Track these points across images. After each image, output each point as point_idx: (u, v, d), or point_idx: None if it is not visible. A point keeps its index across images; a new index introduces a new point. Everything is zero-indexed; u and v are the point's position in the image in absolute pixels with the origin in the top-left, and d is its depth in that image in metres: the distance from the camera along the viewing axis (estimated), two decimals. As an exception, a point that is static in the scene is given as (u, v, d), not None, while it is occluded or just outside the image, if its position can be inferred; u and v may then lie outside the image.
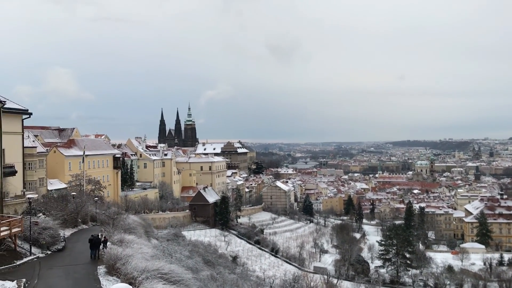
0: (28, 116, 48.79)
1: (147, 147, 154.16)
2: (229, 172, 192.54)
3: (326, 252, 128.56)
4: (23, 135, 48.95)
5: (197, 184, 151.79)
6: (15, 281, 26.33)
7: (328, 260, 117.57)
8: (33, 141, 74.22)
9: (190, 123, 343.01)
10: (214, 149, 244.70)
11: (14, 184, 44.19)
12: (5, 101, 40.63)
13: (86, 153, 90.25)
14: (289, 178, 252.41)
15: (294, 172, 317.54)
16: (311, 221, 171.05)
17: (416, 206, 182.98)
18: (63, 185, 79.51)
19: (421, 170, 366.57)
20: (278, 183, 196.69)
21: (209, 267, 59.18)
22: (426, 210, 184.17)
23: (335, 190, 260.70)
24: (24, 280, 27.25)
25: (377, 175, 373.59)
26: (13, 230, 35.29)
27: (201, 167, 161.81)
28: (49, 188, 74.69)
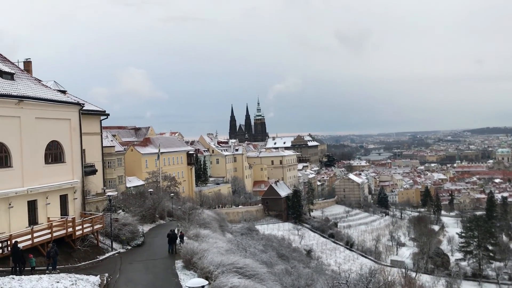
0: (106, 117, 50.80)
1: (218, 143, 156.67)
2: (300, 166, 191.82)
3: (403, 245, 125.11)
4: (101, 135, 51.02)
5: (268, 178, 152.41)
6: (98, 275, 27.44)
7: (406, 254, 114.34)
8: (111, 140, 77.41)
9: (259, 118, 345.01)
10: (284, 143, 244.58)
11: (95, 183, 46.16)
12: (84, 104, 42.45)
13: (161, 150, 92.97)
14: (362, 170, 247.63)
15: (367, 164, 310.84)
16: (387, 214, 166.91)
17: (498, 196, 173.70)
18: (141, 182, 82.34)
19: (503, 158, 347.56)
20: (351, 176, 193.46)
21: (284, 261, 59.12)
22: (509, 200, 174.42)
23: (411, 181, 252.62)
24: (106, 274, 28.36)
25: (455, 165, 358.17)
26: (95, 227, 36.88)
27: (272, 161, 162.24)
28: (128, 185, 77.60)
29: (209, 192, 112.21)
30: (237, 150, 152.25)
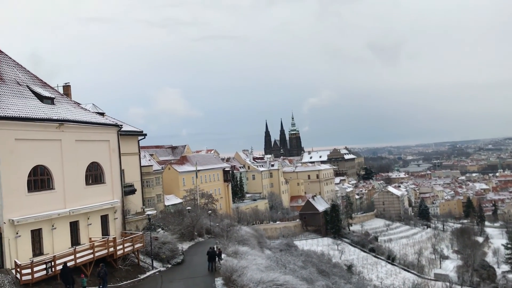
0: (143, 137, 51.64)
1: (254, 159, 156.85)
2: (337, 180, 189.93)
3: (446, 258, 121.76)
4: (139, 155, 51.82)
5: (305, 193, 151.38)
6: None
7: (450, 267, 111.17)
8: (149, 160, 78.49)
9: (294, 132, 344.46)
10: (320, 157, 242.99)
11: (134, 202, 46.82)
12: (121, 125, 43.30)
13: (198, 168, 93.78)
14: (401, 182, 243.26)
15: (406, 175, 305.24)
16: (428, 226, 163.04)
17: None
18: (179, 200, 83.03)
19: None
20: (390, 188, 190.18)
21: (324, 277, 58.32)
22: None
23: (452, 192, 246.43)
24: (148, 293, 28.55)
25: (497, 174, 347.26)
26: (136, 246, 37.29)
27: (309, 176, 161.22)
28: (166, 203, 78.38)
29: (246, 209, 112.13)
30: (272, 165, 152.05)
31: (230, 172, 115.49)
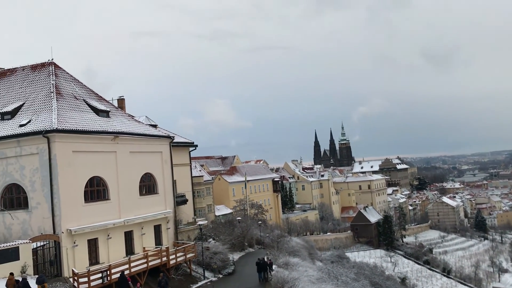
0: (194, 148, 52.40)
1: (303, 169, 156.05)
2: (389, 190, 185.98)
3: (505, 271, 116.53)
4: (190, 165, 52.58)
5: (356, 204, 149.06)
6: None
7: (510, 280, 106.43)
8: (200, 170, 79.53)
9: (344, 142, 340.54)
10: (371, 167, 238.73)
11: (186, 212, 47.43)
12: (173, 136, 44.11)
13: (248, 178, 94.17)
14: (456, 193, 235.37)
15: (462, 186, 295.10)
16: (485, 238, 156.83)
17: None
18: (229, 210, 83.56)
19: None
20: (445, 199, 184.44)
21: (377, 289, 57.05)
22: None
23: (511, 202, 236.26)
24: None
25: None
26: (188, 256, 37.72)
27: (360, 186, 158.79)
28: (216, 213, 79.02)
29: (296, 219, 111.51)
30: (322, 175, 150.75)
31: (280, 182, 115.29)
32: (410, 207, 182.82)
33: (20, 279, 23.78)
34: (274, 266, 38.68)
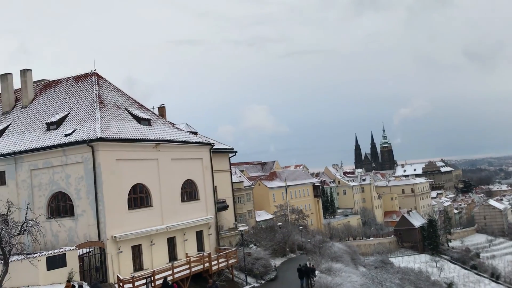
0: (234, 154, 52.65)
1: (344, 173, 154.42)
2: (433, 193, 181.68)
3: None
4: (231, 171, 52.83)
5: (400, 208, 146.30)
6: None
7: None
8: (240, 176, 79.83)
9: (386, 145, 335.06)
10: (414, 170, 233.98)
11: (227, 218, 47.66)
12: (213, 143, 44.46)
13: (288, 183, 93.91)
14: (504, 195, 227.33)
15: (509, 188, 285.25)
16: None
17: None
18: (269, 216, 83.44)
19: None
20: (492, 202, 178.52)
21: (423, 295, 55.68)
22: None
23: None
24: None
25: None
26: (230, 262, 37.84)
27: (403, 190, 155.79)
28: (257, 219, 79.06)
29: (338, 224, 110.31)
30: (364, 180, 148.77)
31: (320, 187, 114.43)
32: (456, 211, 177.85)
33: (76, 286, 24.32)
34: (316, 272, 38.32)
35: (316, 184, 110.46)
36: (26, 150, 33.32)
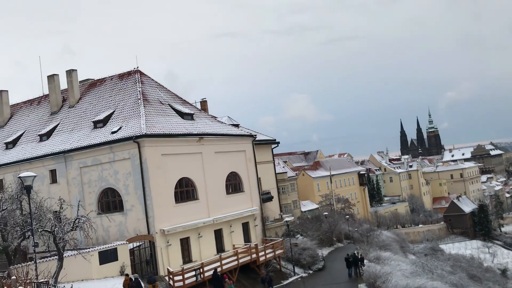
0: (276, 145, 52.67)
1: (390, 160, 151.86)
2: (483, 178, 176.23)
3: None
4: (274, 162, 52.88)
5: (448, 193, 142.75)
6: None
7: None
8: (283, 167, 79.67)
9: (432, 130, 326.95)
10: (463, 154, 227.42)
11: (272, 209, 47.77)
12: (255, 135, 44.57)
13: (332, 173, 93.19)
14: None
15: None
16: None
17: None
18: (315, 206, 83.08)
19: None
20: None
21: (476, 282, 54.29)
22: None
23: None
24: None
25: None
26: (277, 252, 37.94)
27: (451, 175, 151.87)
28: (302, 209, 78.85)
29: (385, 212, 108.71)
30: (411, 166, 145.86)
31: (366, 175, 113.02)
32: (507, 195, 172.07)
33: (133, 279, 24.96)
34: (365, 261, 37.95)
35: (361, 172, 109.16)
36: (75, 149, 34.36)
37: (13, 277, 12.99)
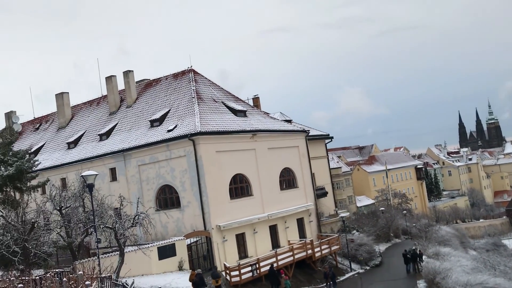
0: (330, 140, 52.24)
1: (448, 153, 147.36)
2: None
3: None
4: (328, 157, 52.50)
5: (511, 187, 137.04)
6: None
7: None
8: (337, 162, 78.93)
9: (492, 121, 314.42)
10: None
11: (326, 205, 47.47)
12: (308, 130, 44.40)
13: (388, 167, 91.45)
14: None
15: None
16: None
17: None
18: (370, 201, 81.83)
19: None
20: None
21: (543, 280, 51.84)
22: None
23: None
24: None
25: None
26: (333, 248, 37.71)
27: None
28: (358, 205, 77.86)
29: (444, 207, 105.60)
30: (470, 159, 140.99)
31: (423, 169, 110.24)
32: None
33: (196, 273, 25.48)
34: (424, 257, 37.12)
35: (418, 166, 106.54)
36: (133, 147, 35.39)
37: (80, 272, 13.59)
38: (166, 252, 28.91)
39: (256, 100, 50.10)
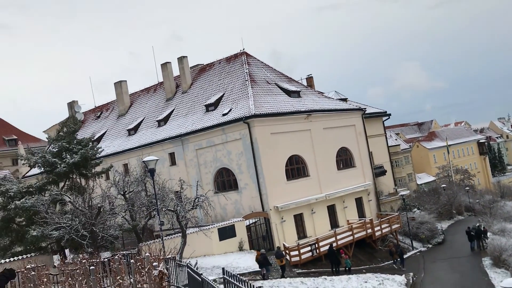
0: (387, 117, 51.17)
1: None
2: None
3: None
4: (385, 135, 51.53)
5: None
6: (403, 275, 27.50)
7: None
8: (395, 139, 77.33)
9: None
10: None
11: (385, 183, 46.75)
12: (365, 108, 43.71)
13: (449, 143, 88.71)
14: None
15: None
16: None
17: None
18: (431, 178, 79.84)
19: None
20: None
21: None
22: None
23: None
24: (411, 274, 28.26)
25: None
26: (393, 227, 37.24)
27: None
28: (418, 182, 76.20)
29: (510, 182, 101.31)
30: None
31: (486, 143, 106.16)
32: None
33: (261, 253, 25.97)
34: (488, 234, 36.01)
35: (481, 141, 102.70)
36: (190, 132, 36.08)
37: (147, 254, 14.12)
38: (226, 233, 29.51)
39: (309, 80, 49.68)
